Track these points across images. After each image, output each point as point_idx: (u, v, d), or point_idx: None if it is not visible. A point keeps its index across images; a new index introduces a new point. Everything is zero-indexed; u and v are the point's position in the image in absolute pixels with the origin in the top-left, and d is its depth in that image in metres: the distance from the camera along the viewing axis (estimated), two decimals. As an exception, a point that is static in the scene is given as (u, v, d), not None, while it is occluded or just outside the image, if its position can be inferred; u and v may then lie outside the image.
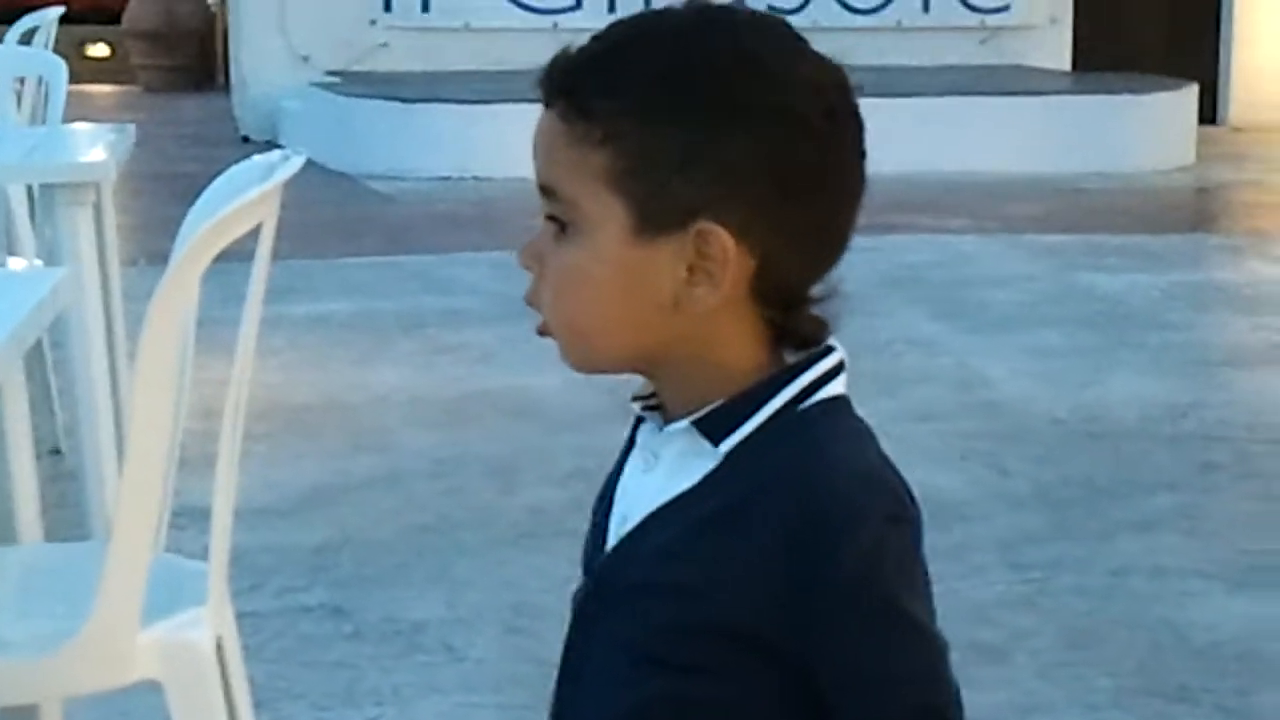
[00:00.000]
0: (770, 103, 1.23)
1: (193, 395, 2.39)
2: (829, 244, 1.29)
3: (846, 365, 1.30)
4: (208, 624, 2.24)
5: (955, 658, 1.28)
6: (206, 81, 14.27)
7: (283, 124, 10.76)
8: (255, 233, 2.23)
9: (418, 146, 9.50)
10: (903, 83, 10.07)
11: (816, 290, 1.29)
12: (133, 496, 2.14)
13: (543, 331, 1.29)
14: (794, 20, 1.31)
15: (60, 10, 6.74)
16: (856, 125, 1.29)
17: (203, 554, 2.35)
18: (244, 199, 2.26)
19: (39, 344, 4.05)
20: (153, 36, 14.23)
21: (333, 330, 5.96)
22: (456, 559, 3.85)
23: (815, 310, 1.29)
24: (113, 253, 4.26)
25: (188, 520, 2.97)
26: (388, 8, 11.20)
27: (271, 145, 9.01)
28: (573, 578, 1.40)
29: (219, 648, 2.26)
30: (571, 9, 11.32)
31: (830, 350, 1.29)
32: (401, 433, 4.81)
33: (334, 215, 8.27)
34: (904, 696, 1.23)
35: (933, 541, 1.30)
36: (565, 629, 1.37)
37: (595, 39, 1.27)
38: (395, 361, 5.60)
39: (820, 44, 1.30)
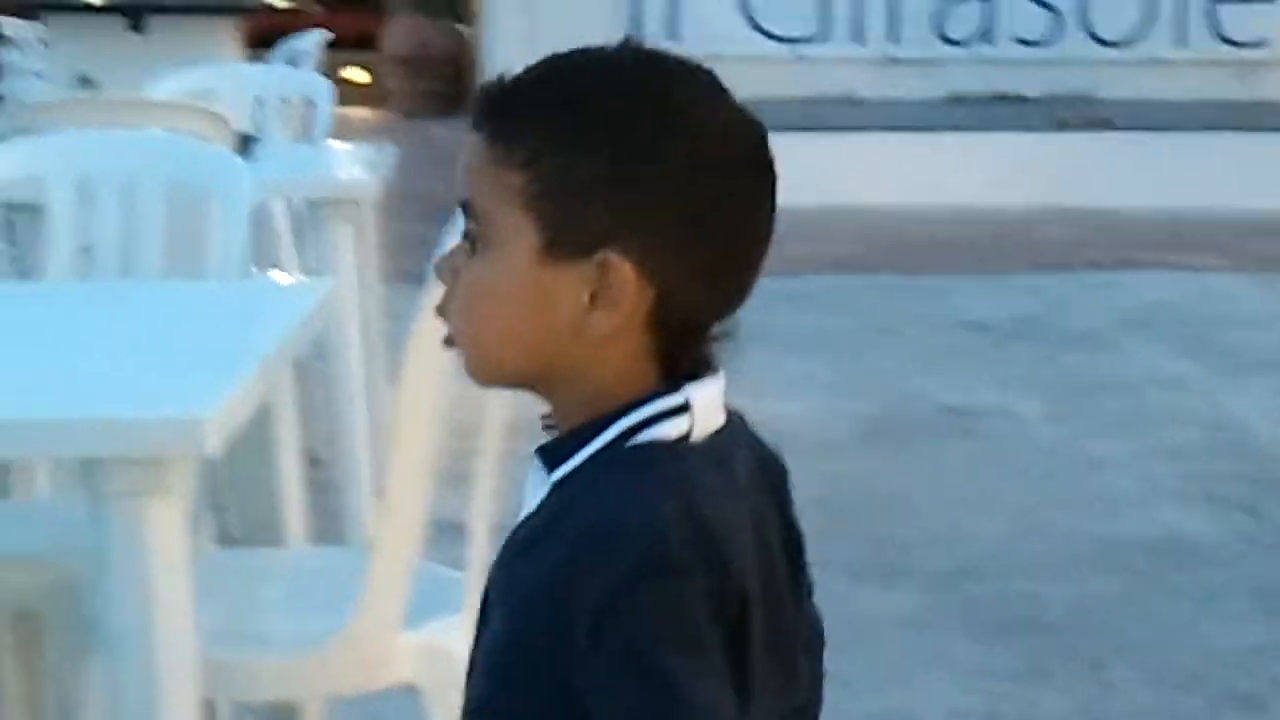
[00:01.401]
0: (683, 145, 1.28)
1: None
2: (729, 286, 1.32)
3: (691, 407, 1.30)
4: (465, 631, 2.30)
5: (1208, 706, 1.23)
6: (458, 106, 14.54)
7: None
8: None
9: (662, 172, 9.56)
10: (1155, 117, 9.89)
11: (715, 328, 1.32)
12: (399, 504, 2.21)
13: (448, 342, 1.34)
14: (1043, 53, 1.30)
15: (324, 35, 6.95)
16: (767, 176, 1.33)
17: (453, 565, 2.41)
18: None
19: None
20: (408, 62, 14.56)
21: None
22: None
23: (707, 348, 1.32)
24: (372, 268, 4.39)
25: (438, 532, 3.04)
26: (634, 34, 11.33)
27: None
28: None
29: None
30: (816, 38, 11.34)
31: (678, 389, 1.30)
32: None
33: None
34: None
35: (1180, 585, 1.27)
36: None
37: (528, 69, 1.32)
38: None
39: (1070, 77, 1.30)
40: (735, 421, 1.35)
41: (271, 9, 8.67)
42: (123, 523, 2.00)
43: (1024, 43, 11.25)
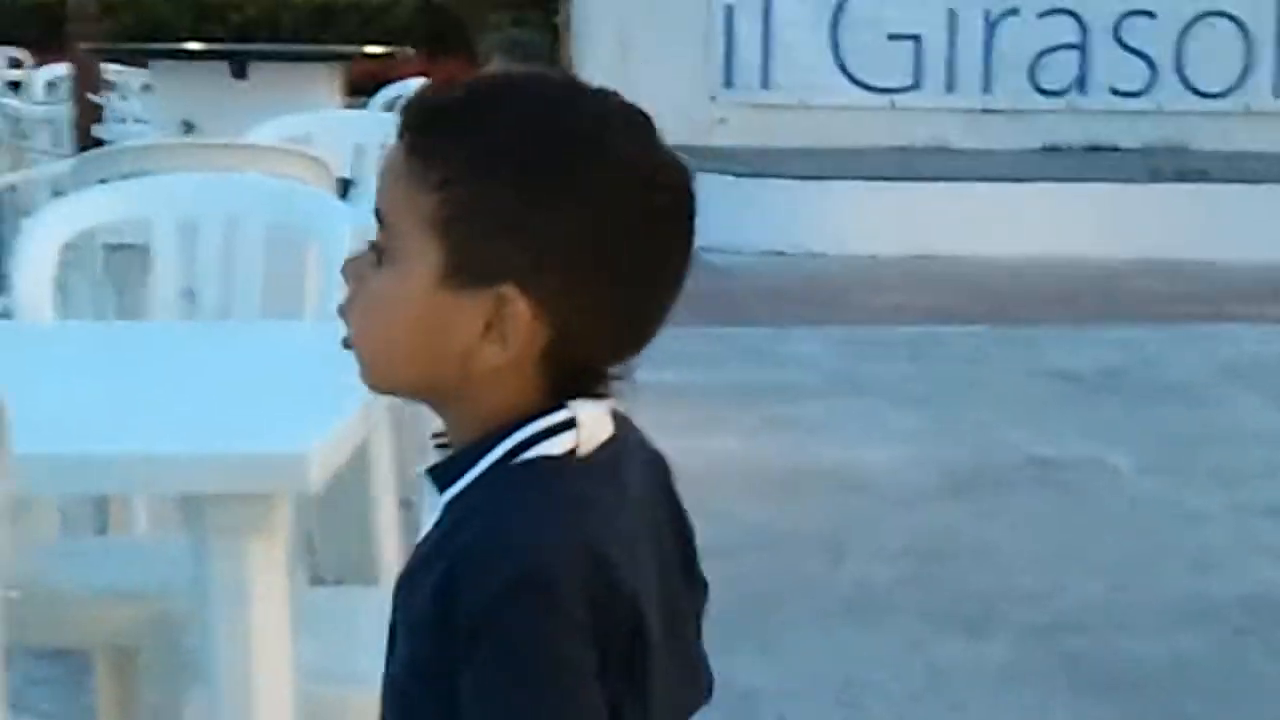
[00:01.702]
0: (597, 188, 1.27)
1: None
2: (629, 334, 1.31)
3: (578, 424, 1.30)
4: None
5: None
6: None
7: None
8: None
9: (752, 221, 9.59)
10: (1250, 168, 9.80)
11: (612, 370, 1.32)
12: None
13: (346, 344, 1.34)
14: (1138, 104, 1.30)
15: (422, 81, 7.03)
16: (684, 227, 1.31)
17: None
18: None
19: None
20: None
21: (667, 399, 6.04)
22: (786, 630, 3.87)
23: (602, 389, 1.31)
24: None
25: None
26: (728, 84, 11.38)
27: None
28: (902, 655, 1.40)
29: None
30: (910, 88, 11.34)
31: (561, 407, 1.30)
32: (734, 502, 4.85)
33: (669, 286, 8.40)
34: None
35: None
36: (892, 705, 1.37)
37: (461, 86, 1.31)
38: (729, 432, 5.66)
39: (1165, 128, 1.29)
40: (622, 428, 1.34)
41: (371, 56, 8.77)
42: (223, 559, 2.03)
43: (1119, 93, 11.20)
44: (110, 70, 8.86)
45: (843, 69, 11.34)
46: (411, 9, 18.19)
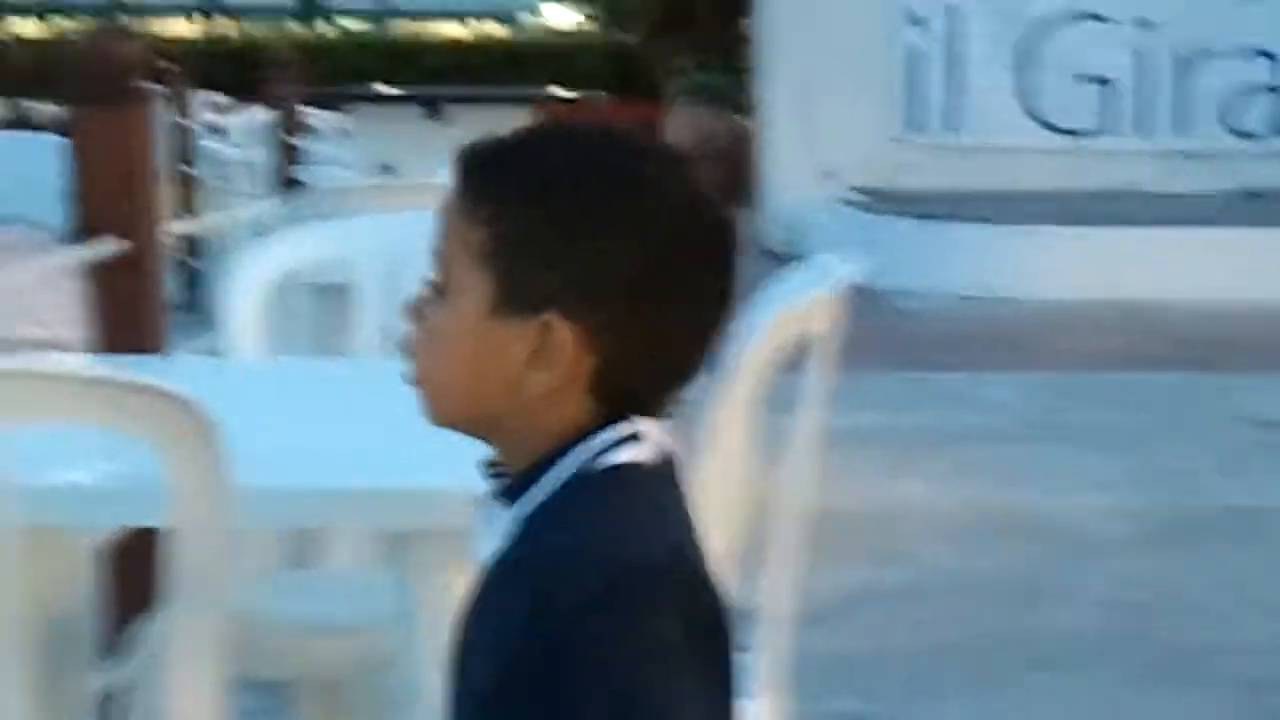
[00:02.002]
0: (635, 223, 1.33)
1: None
2: (671, 365, 1.37)
3: (642, 436, 1.35)
4: (764, 715, 2.29)
5: None
6: (735, 197, 14.66)
7: (806, 238, 10.96)
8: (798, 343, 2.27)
9: (940, 264, 9.52)
10: None
11: (661, 397, 1.37)
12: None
13: (410, 381, 1.40)
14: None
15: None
16: (720, 262, 1.37)
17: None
18: (802, 302, 2.33)
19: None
20: (690, 151, 14.74)
21: (859, 442, 6.00)
22: (984, 679, 3.81)
23: (654, 406, 1.37)
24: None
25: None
26: (911, 126, 11.31)
27: (795, 259, 9.18)
28: (1101, 709, 1.37)
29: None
30: (1096, 132, 11.18)
31: (624, 420, 1.35)
32: (928, 546, 4.80)
33: (857, 329, 8.33)
34: None
35: None
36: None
37: (510, 134, 1.39)
38: (921, 476, 5.60)
39: None
40: (672, 453, 1.40)
41: (561, 100, 8.87)
42: (429, 593, 2.04)
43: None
44: (309, 114, 9.05)
45: (1029, 111, 11.21)
46: (600, 54, 18.36)
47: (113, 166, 3.17)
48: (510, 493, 1.37)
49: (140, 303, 3.24)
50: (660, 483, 1.37)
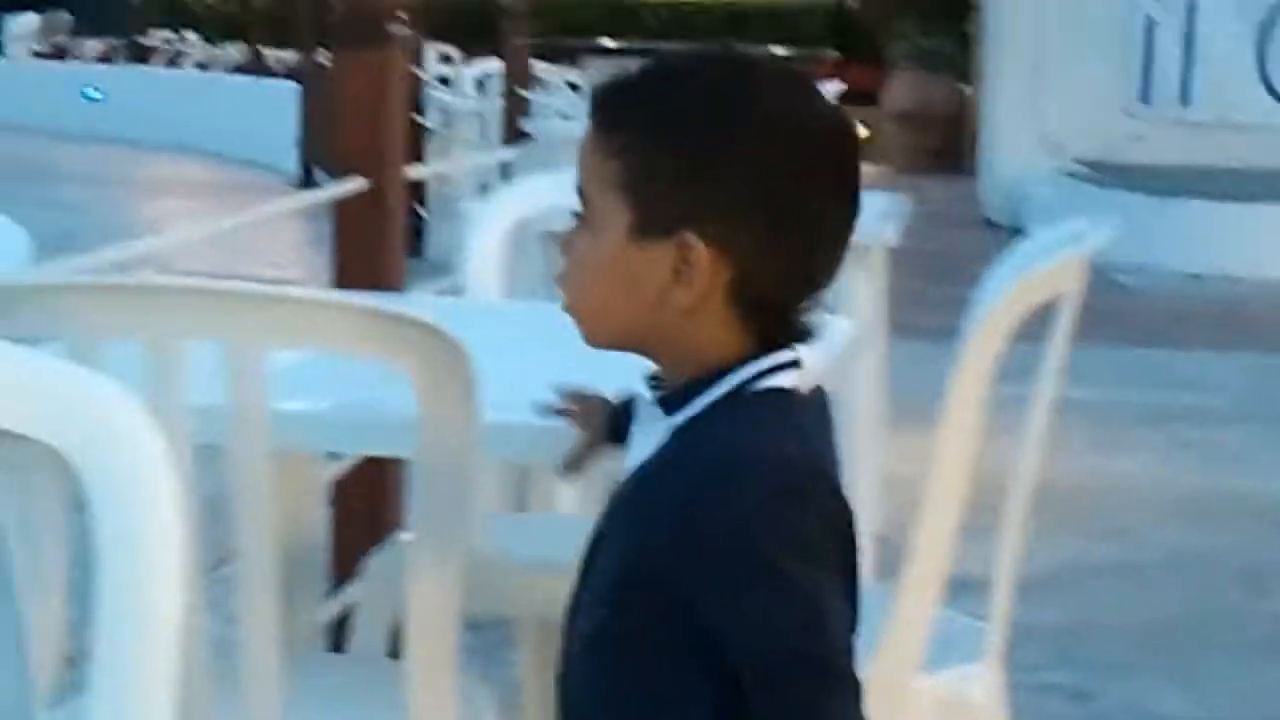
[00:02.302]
0: (762, 140, 1.42)
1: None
2: (805, 270, 1.45)
3: (801, 364, 1.45)
4: (984, 681, 2.29)
5: None
6: (954, 164, 14.50)
7: (1027, 209, 10.80)
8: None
9: (1167, 241, 9.31)
10: None
11: (801, 304, 1.46)
12: (927, 547, 2.22)
13: (565, 309, 1.50)
14: None
15: (838, 85, 7.06)
16: (846, 171, 1.45)
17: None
18: (1048, 267, 2.30)
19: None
20: (907, 118, 14.61)
21: (1074, 416, 5.92)
22: (1201, 659, 3.75)
23: (796, 319, 1.46)
24: (879, 317, 4.41)
25: (954, 586, 3.02)
26: (1145, 99, 11.08)
27: (1015, 231, 9.06)
28: None
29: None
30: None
31: (789, 346, 1.45)
32: (1143, 523, 4.73)
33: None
34: (780, 646, 1.38)
35: None
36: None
37: (638, 67, 1.47)
38: (1137, 452, 5.52)
39: None
40: (823, 387, 1.51)
41: (784, 59, 8.85)
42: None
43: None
44: (538, 67, 9.14)
45: (1268, 86, 10.92)
46: (823, 15, 18.24)
47: (363, 107, 3.24)
48: (667, 405, 1.46)
49: (381, 241, 3.31)
50: (808, 409, 1.46)
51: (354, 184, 3.25)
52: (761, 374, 1.44)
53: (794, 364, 1.45)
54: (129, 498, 1.37)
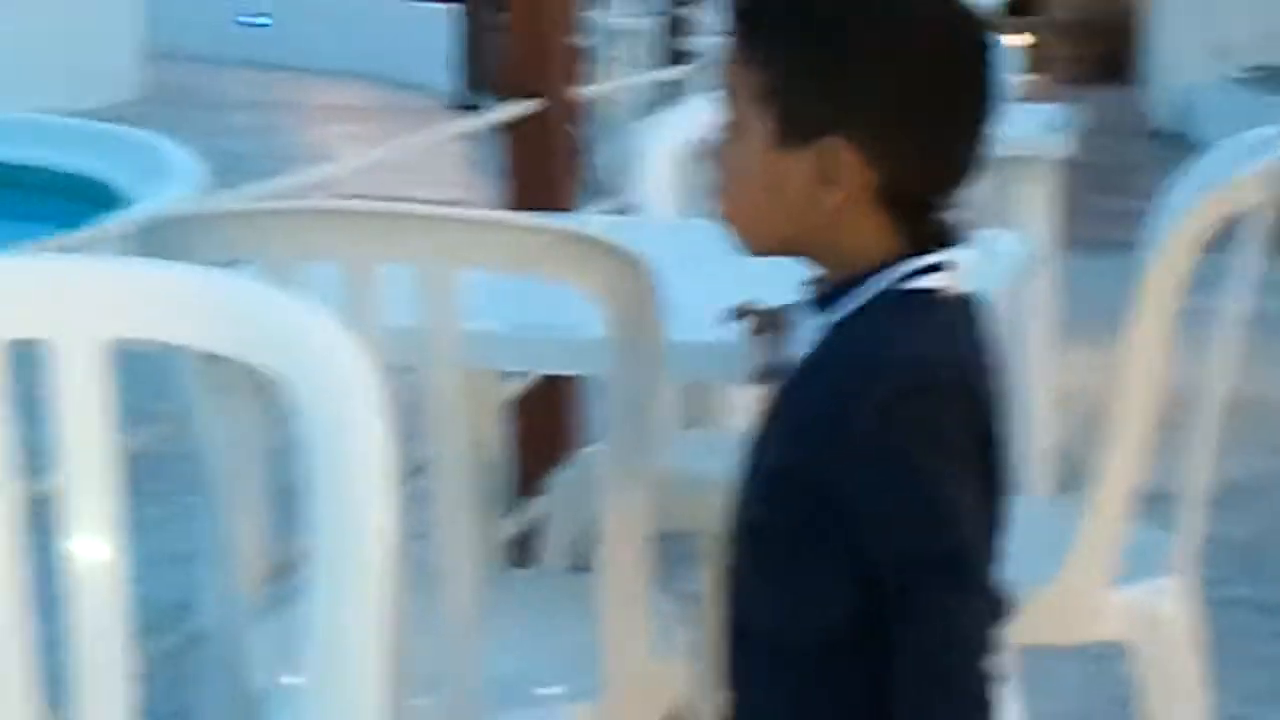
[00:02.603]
0: (898, 47, 1.45)
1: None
2: (948, 164, 1.49)
3: (950, 266, 1.48)
4: (1176, 595, 2.27)
5: None
6: (1118, 73, 14.20)
7: (1196, 119, 10.57)
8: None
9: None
10: None
11: (945, 200, 1.49)
12: (1118, 460, 2.20)
13: (716, 218, 1.54)
14: None
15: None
16: (981, 66, 1.48)
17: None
18: (1237, 178, 2.26)
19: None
20: (1071, 27, 14.32)
21: (1266, 328, 5.80)
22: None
23: (943, 216, 1.49)
24: (1053, 231, 4.35)
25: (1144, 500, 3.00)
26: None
27: (1182, 141, 8.89)
28: None
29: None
30: None
31: (940, 248, 1.48)
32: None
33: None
34: (913, 541, 1.41)
35: None
36: None
37: None
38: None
39: None
40: (974, 293, 1.52)
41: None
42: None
43: None
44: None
45: None
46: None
47: (532, 29, 3.25)
48: (821, 303, 1.50)
49: (552, 162, 3.32)
50: (957, 310, 1.49)
51: (524, 106, 3.26)
52: (909, 275, 1.47)
53: (942, 266, 1.48)
54: (341, 415, 1.40)
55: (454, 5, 13.19)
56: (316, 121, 12.31)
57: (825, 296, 1.50)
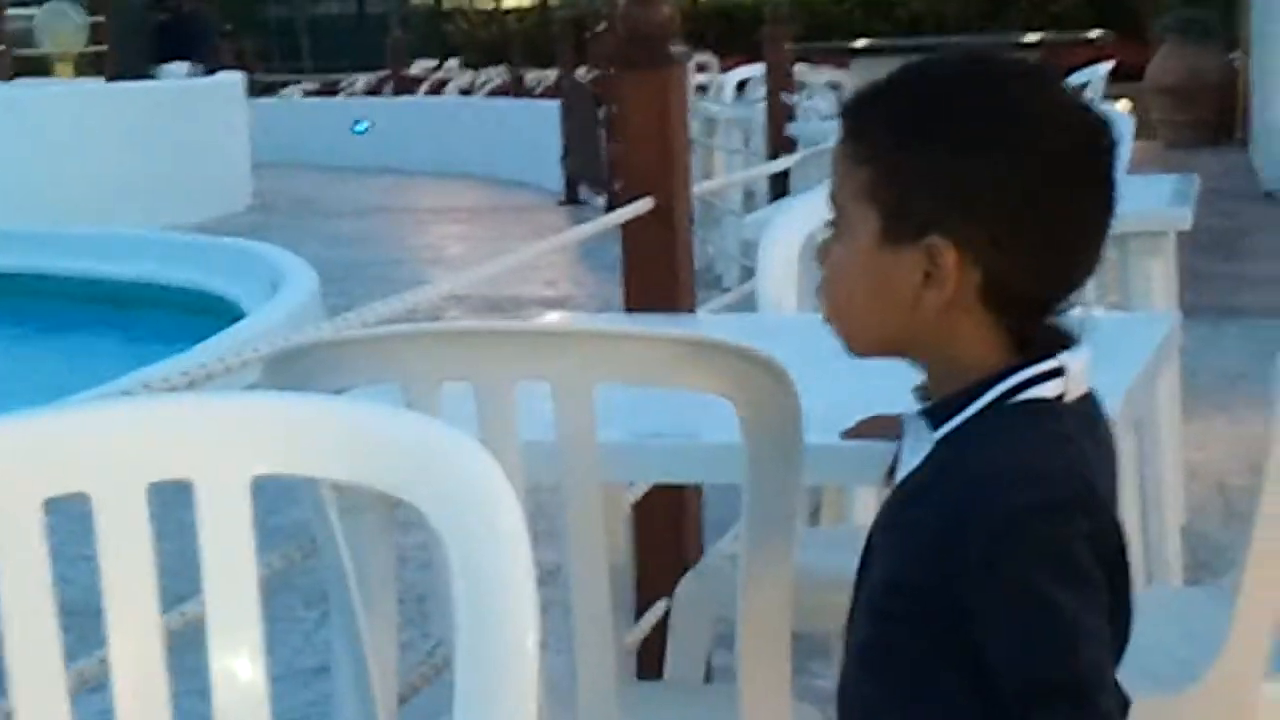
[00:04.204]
0: (1006, 141, 1.42)
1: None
2: (1057, 267, 1.44)
3: (1066, 371, 1.43)
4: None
5: None
6: (1225, 136, 14.09)
7: (1310, 179, 10.44)
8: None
9: None
10: None
11: (1060, 302, 1.45)
12: (1267, 547, 2.14)
13: (825, 319, 1.52)
14: None
15: (1110, 65, 6.91)
16: (1098, 168, 1.44)
17: None
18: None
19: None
20: (1173, 92, 14.23)
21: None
22: None
23: (1054, 320, 1.45)
24: (1172, 301, 4.30)
25: None
26: None
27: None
28: None
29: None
30: None
31: (1052, 355, 1.43)
32: None
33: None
34: (1033, 668, 1.37)
35: None
36: None
37: (886, 76, 1.48)
38: None
39: None
40: (1093, 392, 1.48)
41: (1037, 44, 8.69)
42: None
43: None
44: (801, 70, 9.12)
45: None
46: (1080, -7, 17.86)
47: (648, 127, 3.26)
48: (933, 416, 1.46)
49: (670, 261, 3.32)
50: (1077, 419, 1.43)
51: (639, 205, 3.27)
52: (1023, 384, 1.43)
53: (1057, 372, 1.44)
54: (482, 540, 1.40)
55: (553, 102, 13.31)
56: (426, 223, 12.44)
57: (936, 408, 1.47)
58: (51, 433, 1.46)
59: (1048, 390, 1.43)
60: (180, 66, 14.69)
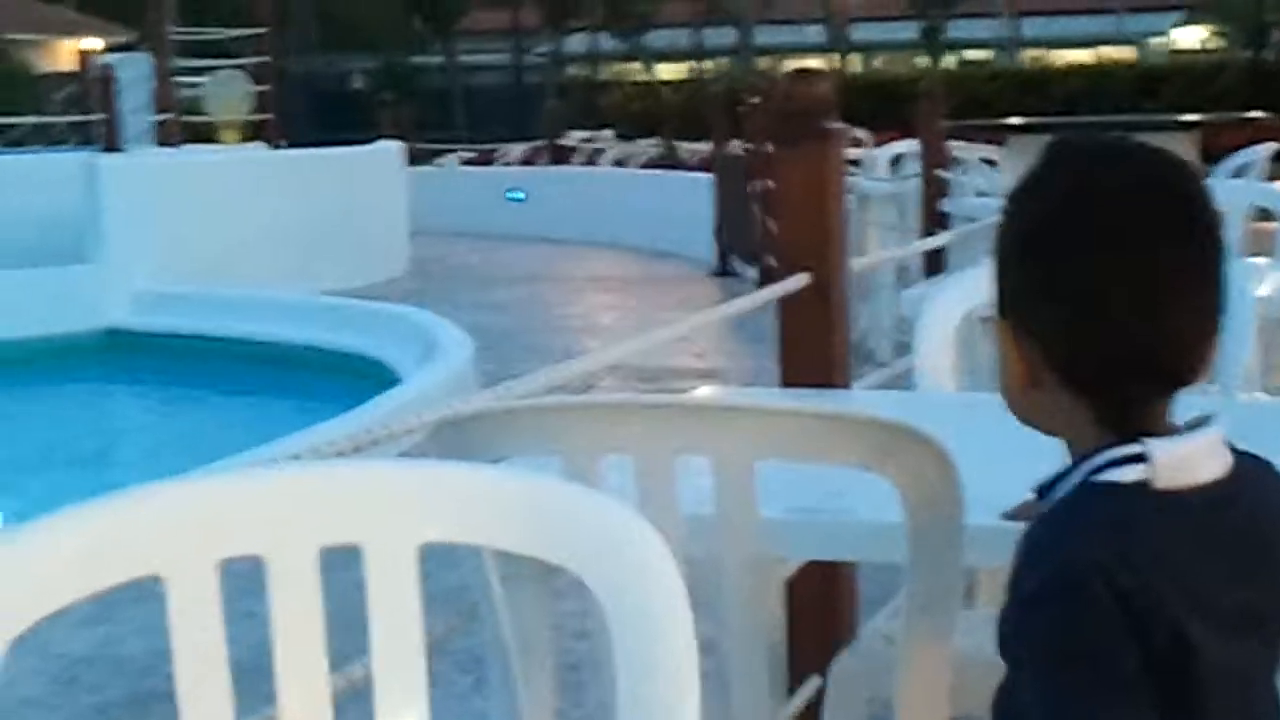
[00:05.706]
0: (1088, 238, 1.40)
1: None
2: (1135, 354, 1.41)
3: (1150, 458, 1.39)
4: None
5: None
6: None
7: None
8: None
9: None
10: None
11: (1154, 386, 1.42)
12: None
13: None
14: None
15: (1274, 146, 6.83)
16: (1189, 268, 1.41)
17: None
18: None
19: None
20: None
21: None
22: None
23: (1146, 407, 1.42)
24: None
25: None
26: None
27: None
28: None
29: None
30: None
31: (1139, 439, 1.40)
32: None
33: None
34: None
35: None
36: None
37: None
38: None
39: None
40: (1253, 473, 1.44)
41: (1194, 124, 8.58)
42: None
43: None
44: (956, 147, 9.09)
45: None
46: (1238, 72, 17.66)
47: (805, 202, 3.27)
48: (1042, 493, 1.48)
49: (828, 336, 3.32)
50: (1146, 504, 1.40)
51: (799, 279, 3.28)
52: (1105, 466, 1.42)
53: (1139, 458, 1.40)
54: (648, 617, 1.40)
55: (706, 174, 13.38)
56: (578, 292, 12.53)
57: (1045, 486, 1.48)
58: (227, 495, 1.49)
59: (1125, 475, 1.40)
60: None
